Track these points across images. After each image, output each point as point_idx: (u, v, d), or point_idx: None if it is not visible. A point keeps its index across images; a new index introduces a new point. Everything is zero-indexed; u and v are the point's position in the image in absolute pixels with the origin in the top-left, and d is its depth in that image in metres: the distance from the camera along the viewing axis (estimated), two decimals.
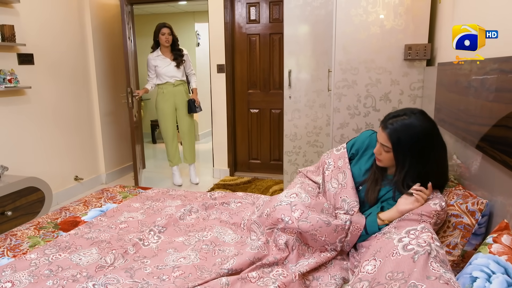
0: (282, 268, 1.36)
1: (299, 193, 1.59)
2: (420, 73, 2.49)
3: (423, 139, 1.34)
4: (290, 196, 1.57)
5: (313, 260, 1.38)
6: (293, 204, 1.50)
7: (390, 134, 1.37)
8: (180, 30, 6.44)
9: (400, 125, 1.36)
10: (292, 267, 1.36)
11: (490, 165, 1.29)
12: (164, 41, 3.57)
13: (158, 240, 1.64)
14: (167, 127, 3.79)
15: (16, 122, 2.97)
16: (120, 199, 2.17)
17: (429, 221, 1.25)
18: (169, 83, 3.67)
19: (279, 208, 1.50)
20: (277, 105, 3.95)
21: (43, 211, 2.65)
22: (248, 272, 1.29)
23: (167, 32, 3.56)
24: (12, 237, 1.65)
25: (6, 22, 2.79)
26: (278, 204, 1.53)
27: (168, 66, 3.63)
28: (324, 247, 1.43)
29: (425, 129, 1.35)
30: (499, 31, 1.29)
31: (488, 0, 1.49)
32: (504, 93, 1.15)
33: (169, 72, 3.64)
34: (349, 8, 2.51)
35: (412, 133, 1.34)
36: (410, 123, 1.35)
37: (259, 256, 1.38)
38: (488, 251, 0.94)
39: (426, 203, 1.31)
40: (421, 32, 2.43)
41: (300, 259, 1.40)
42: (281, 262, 1.38)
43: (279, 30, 3.72)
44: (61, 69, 3.41)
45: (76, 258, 1.44)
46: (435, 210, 1.26)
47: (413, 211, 1.30)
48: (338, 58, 2.61)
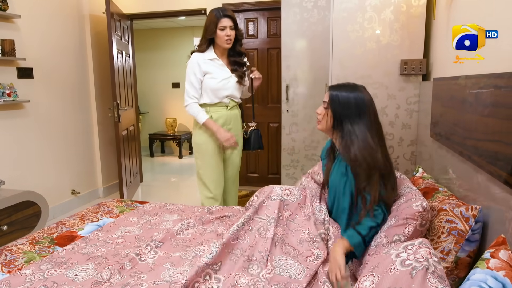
0: (270, 263, 1.41)
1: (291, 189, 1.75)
2: (416, 88, 2.51)
3: (356, 102, 1.49)
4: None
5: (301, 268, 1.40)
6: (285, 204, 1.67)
7: (331, 91, 1.55)
8: (179, 44, 6.53)
9: (341, 86, 1.56)
10: (280, 269, 1.39)
11: (485, 179, 1.29)
12: (225, 40, 2.21)
13: (155, 255, 1.62)
14: (214, 170, 2.38)
15: (13, 135, 2.97)
16: (117, 214, 2.15)
17: (414, 223, 1.29)
18: (221, 105, 2.34)
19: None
20: (275, 119, 3.97)
21: (39, 226, 2.63)
22: (237, 278, 1.33)
23: (229, 25, 2.19)
24: (7, 252, 1.63)
25: (6, 36, 2.82)
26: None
27: (228, 78, 2.32)
28: (310, 251, 1.46)
29: (361, 96, 1.50)
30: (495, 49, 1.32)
31: (482, 16, 1.52)
32: (498, 108, 1.17)
33: (228, 88, 2.32)
34: (346, 24, 2.56)
35: (349, 93, 1.51)
36: (351, 87, 1.54)
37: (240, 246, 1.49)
38: (485, 266, 0.94)
39: (408, 206, 1.34)
40: (416, 47, 2.47)
41: (284, 256, 1.46)
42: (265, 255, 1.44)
43: (277, 45, 3.77)
44: (60, 83, 3.44)
45: (72, 274, 1.43)
46: (418, 212, 1.29)
47: (397, 216, 1.35)
48: (335, 73, 2.65)
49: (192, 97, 2.27)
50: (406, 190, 1.48)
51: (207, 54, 2.28)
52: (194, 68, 2.24)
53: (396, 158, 2.63)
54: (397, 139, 2.60)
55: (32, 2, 3.09)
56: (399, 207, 1.39)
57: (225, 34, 2.19)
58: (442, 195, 1.51)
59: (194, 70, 2.24)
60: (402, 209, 1.36)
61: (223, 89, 2.30)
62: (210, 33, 2.22)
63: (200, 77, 2.26)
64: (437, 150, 2.01)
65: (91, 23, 3.77)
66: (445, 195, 1.51)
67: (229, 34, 2.19)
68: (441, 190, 1.59)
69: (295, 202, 1.70)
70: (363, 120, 1.48)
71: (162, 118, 6.78)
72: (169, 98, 6.71)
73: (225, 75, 2.30)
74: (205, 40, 2.26)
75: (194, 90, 2.27)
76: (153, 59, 6.65)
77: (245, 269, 1.38)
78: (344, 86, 1.55)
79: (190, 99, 2.27)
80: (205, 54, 2.28)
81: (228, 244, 1.48)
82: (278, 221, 1.61)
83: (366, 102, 1.49)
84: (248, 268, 1.39)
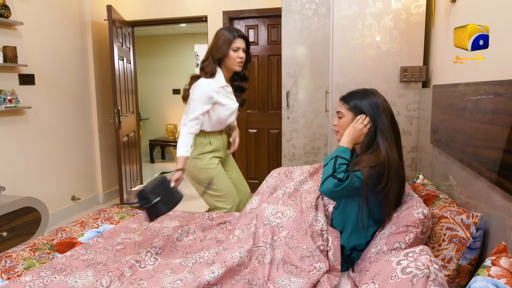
0: (272, 285, 1.39)
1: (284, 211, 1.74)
2: (416, 95, 2.52)
3: (371, 106, 1.49)
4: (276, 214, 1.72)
5: (303, 281, 1.37)
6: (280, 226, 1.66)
7: (345, 99, 1.56)
8: (179, 51, 6.56)
9: (353, 94, 1.57)
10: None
11: (486, 186, 1.29)
12: (237, 62, 2.06)
13: (155, 262, 1.62)
14: (228, 182, 2.26)
15: (14, 141, 2.98)
16: (117, 220, 2.15)
17: (415, 231, 1.29)
18: (218, 131, 2.21)
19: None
20: (276, 126, 3.98)
21: (39, 232, 2.62)
22: None
23: (242, 47, 2.06)
24: (7, 259, 1.63)
25: (8, 43, 2.84)
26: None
27: (235, 105, 2.17)
28: (312, 266, 1.44)
29: (377, 100, 1.49)
30: (494, 56, 1.32)
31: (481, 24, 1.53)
32: (498, 115, 1.17)
33: (233, 114, 2.19)
34: (346, 32, 2.57)
35: (365, 97, 1.52)
36: (364, 92, 1.55)
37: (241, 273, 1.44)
38: (487, 274, 0.94)
39: (409, 213, 1.33)
40: (416, 54, 2.48)
41: (287, 275, 1.44)
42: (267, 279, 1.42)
43: (277, 52, 3.78)
44: (61, 90, 3.45)
45: (72, 281, 1.42)
46: (419, 219, 1.29)
47: (398, 223, 1.33)
48: (335, 79, 2.66)
49: (190, 126, 2.02)
50: (407, 198, 1.48)
51: (218, 80, 2.05)
52: (205, 99, 2.00)
53: None
54: None
55: (35, 9, 3.12)
56: (400, 214, 1.38)
57: (237, 56, 2.03)
58: (443, 202, 1.51)
59: (205, 100, 2.01)
60: (403, 217, 1.35)
61: (230, 118, 2.17)
62: (222, 52, 2.01)
63: (208, 107, 2.04)
64: (437, 156, 2.01)
65: (92, 30, 3.79)
66: (445, 202, 1.50)
67: (242, 56, 2.05)
68: (441, 197, 1.59)
69: (289, 221, 1.68)
70: (384, 122, 1.46)
71: (163, 124, 6.79)
72: (169, 105, 6.73)
73: (234, 104, 2.14)
74: (212, 60, 2.04)
75: (195, 119, 2.02)
76: (154, 65, 6.68)
77: None
78: (356, 92, 1.56)
79: (187, 128, 2.02)
80: (216, 80, 2.04)
81: (233, 269, 1.45)
82: (276, 244, 1.60)
83: (379, 103, 1.48)
84: None
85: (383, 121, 1.45)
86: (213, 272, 1.39)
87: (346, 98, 1.56)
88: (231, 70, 2.10)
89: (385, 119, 1.45)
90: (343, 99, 1.57)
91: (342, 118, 1.55)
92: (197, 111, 2.01)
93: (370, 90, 1.55)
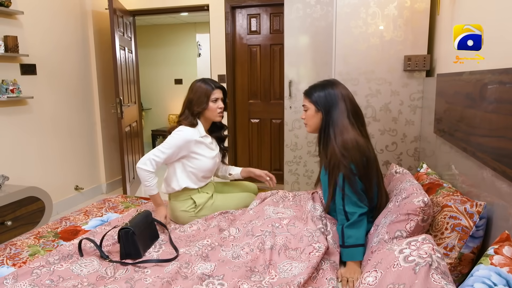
0: (273, 270, 1.41)
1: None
2: (419, 84, 2.50)
3: (328, 96, 1.61)
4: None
5: (304, 265, 1.39)
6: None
7: (307, 93, 1.68)
8: (181, 41, 6.52)
9: (314, 87, 1.68)
10: (285, 273, 1.38)
11: (490, 176, 1.29)
12: (218, 113, 2.00)
13: (159, 249, 1.63)
14: (234, 201, 2.14)
15: (17, 131, 2.99)
16: (121, 209, 2.16)
17: (416, 219, 1.29)
18: (211, 184, 2.18)
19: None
20: (278, 115, 3.96)
21: (43, 221, 2.64)
22: (239, 284, 1.32)
23: (220, 97, 2.01)
24: (11, 247, 1.65)
25: (9, 33, 2.83)
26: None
27: (215, 153, 2.08)
28: (311, 246, 1.46)
29: (335, 91, 1.61)
30: (498, 43, 1.31)
31: (486, 13, 1.51)
32: (502, 104, 1.16)
33: (215, 164, 2.10)
34: (349, 20, 2.54)
35: (323, 89, 1.63)
36: (323, 84, 1.67)
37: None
38: (489, 263, 0.94)
39: (409, 201, 1.34)
40: (420, 43, 2.45)
41: (289, 260, 1.46)
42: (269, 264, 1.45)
43: (280, 41, 3.75)
44: (63, 79, 3.44)
45: (78, 269, 1.44)
46: (419, 207, 1.29)
47: (398, 211, 1.36)
48: (338, 69, 2.64)
49: (155, 165, 1.89)
50: (407, 184, 1.48)
51: (199, 130, 1.97)
52: (181, 147, 1.90)
53: (399, 155, 2.63)
54: (400, 135, 2.60)
55: None
56: (401, 202, 1.38)
57: (217, 107, 1.97)
58: (447, 191, 1.51)
59: (179, 148, 1.90)
60: (403, 205, 1.35)
61: (213, 167, 2.05)
62: (201, 106, 1.94)
63: (182, 156, 1.95)
64: (440, 146, 2.01)
65: (93, 19, 3.77)
66: (449, 191, 1.50)
67: (221, 106, 1.99)
68: (445, 186, 1.58)
69: (290, 215, 1.75)
70: (339, 110, 1.58)
71: (165, 115, 6.79)
72: (171, 95, 6.71)
73: (214, 153, 2.05)
74: (191, 114, 1.96)
75: (161, 162, 1.91)
76: (156, 55, 6.64)
77: (248, 277, 1.37)
78: (315, 86, 1.68)
79: (151, 166, 1.88)
80: (197, 131, 1.96)
81: (228, 262, 1.48)
82: (278, 230, 1.62)
83: (337, 93, 1.61)
84: (251, 277, 1.38)
85: (340, 109, 1.58)
86: (211, 267, 1.43)
87: (308, 92, 1.68)
88: (210, 121, 2.05)
89: (342, 106, 1.58)
90: (305, 93, 1.70)
91: (307, 110, 1.67)
92: (163, 156, 1.89)
93: (329, 81, 1.68)
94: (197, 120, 1.99)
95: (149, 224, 1.70)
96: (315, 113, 1.64)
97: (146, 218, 1.68)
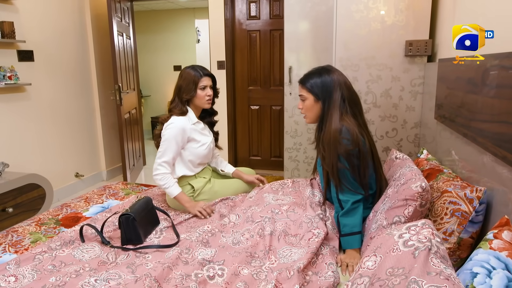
0: (273, 255, 1.42)
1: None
2: (421, 69, 2.48)
3: (325, 83, 1.57)
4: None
5: (304, 250, 1.40)
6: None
7: (302, 82, 1.62)
8: (180, 27, 6.44)
9: (309, 75, 1.63)
10: (285, 258, 1.39)
11: (490, 161, 1.29)
12: (206, 100, 2.02)
13: (160, 235, 1.65)
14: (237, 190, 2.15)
15: (16, 119, 2.97)
16: (122, 196, 2.17)
17: (414, 204, 1.30)
18: (202, 171, 2.14)
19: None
20: (278, 102, 3.94)
21: (44, 208, 2.65)
22: (240, 269, 1.34)
23: (209, 84, 2.03)
24: (13, 233, 1.66)
25: (5, 18, 2.79)
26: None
27: (209, 140, 2.10)
28: (311, 232, 1.48)
29: (331, 77, 1.57)
30: (500, 27, 1.29)
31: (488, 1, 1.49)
32: (504, 89, 1.15)
33: (210, 150, 2.11)
34: (350, 4, 2.51)
35: (317, 78, 1.59)
36: (319, 72, 1.61)
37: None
38: (488, 247, 0.95)
39: (407, 187, 1.34)
40: (422, 28, 2.42)
41: (288, 246, 1.47)
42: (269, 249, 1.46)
43: (280, 26, 3.71)
44: (61, 66, 3.41)
45: (79, 255, 1.45)
46: (417, 192, 1.29)
47: (396, 197, 1.36)
48: (339, 54, 2.61)
49: (167, 166, 1.93)
50: (406, 170, 1.48)
51: (190, 118, 2.00)
52: (178, 136, 1.92)
53: (399, 141, 2.62)
54: (401, 121, 2.59)
55: None
56: (399, 188, 1.39)
57: (205, 94, 1.99)
58: (447, 177, 1.51)
59: (177, 139, 1.92)
60: (401, 190, 1.36)
61: (209, 154, 2.09)
62: (189, 93, 1.96)
63: (182, 145, 1.97)
64: (441, 132, 2.00)
65: (90, 5, 3.71)
66: (449, 177, 1.50)
67: (210, 94, 2.01)
68: (445, 172, 1.58)
69: (289, 202, 1.77)
70: (336, 97, 1.55)
71: (164, 101, 6.75)
72: (171, 81, 6.66)
73: (208, 139, 2.07)
74: (181, 101, 1.98)
75: (171, 160, 1.94)
76: (155, 42, 6.57)
77: (248, 263, 1.38)
78: (311, 74, 1.62)
79: (164, 168, 1.92)
80: (188, 118, 1.99)
81: (228, 247, 1.50)
82: (277, 217, 1.64)
83: (334, 80, 1.56)
84: (251, 262, 1.39)
85: (337, 96, 1.54)
86: (211, 252, 1.44)
87: (303, 81, 1.62)
88: (200, 108, 2.06)
89: (338, 94, 1.54)
90: (301, 82, 1.64)
91: (305, 100, 1.62)
92: (168, 154, 1.92)
93: (324, 67, 1.62)
94: (187, 108, 2.00)
95: (149, 210, 1.71)
96: (314, 103, 1.60)
97: (146, 204, 1.69)
